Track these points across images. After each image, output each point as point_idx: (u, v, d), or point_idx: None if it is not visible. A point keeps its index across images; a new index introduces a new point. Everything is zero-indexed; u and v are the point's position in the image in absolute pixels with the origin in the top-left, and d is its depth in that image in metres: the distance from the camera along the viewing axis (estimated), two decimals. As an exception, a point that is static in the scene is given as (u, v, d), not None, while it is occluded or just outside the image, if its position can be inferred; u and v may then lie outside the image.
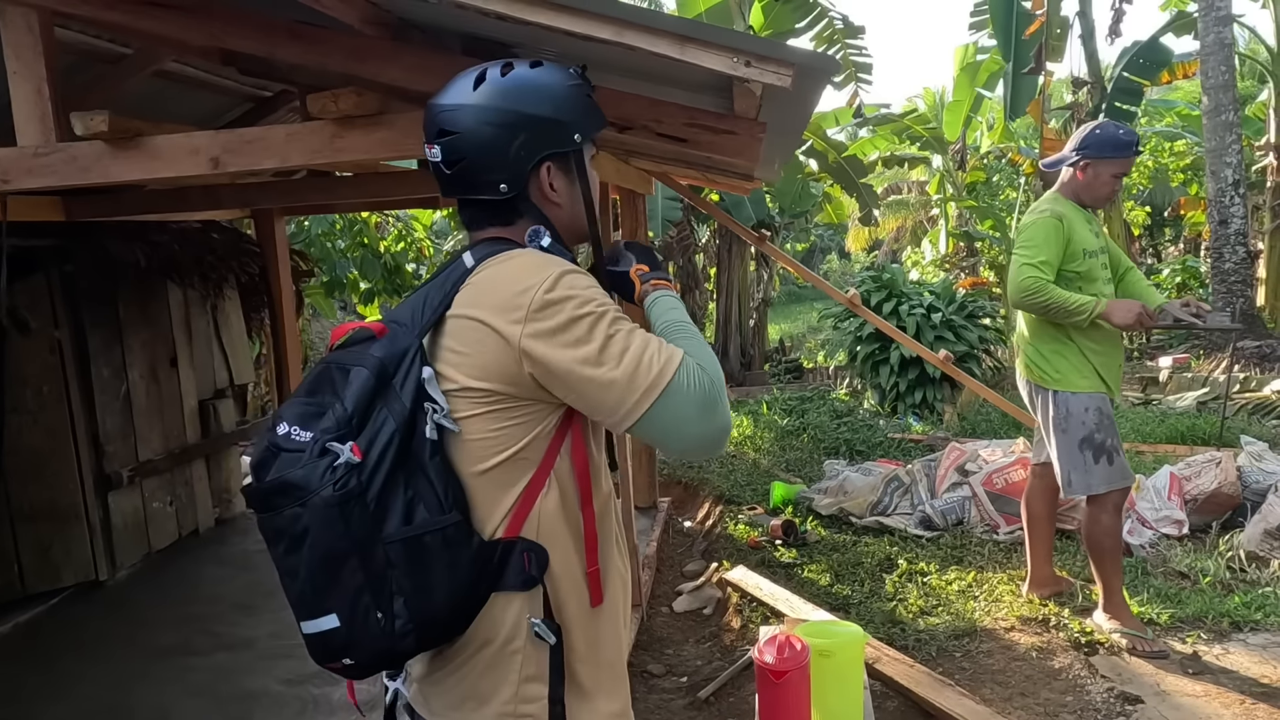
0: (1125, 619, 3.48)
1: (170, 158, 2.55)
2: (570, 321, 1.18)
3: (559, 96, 1.29)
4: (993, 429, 6.84)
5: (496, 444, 1.22)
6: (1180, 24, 11.64)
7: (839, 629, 2.46)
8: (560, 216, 1.35)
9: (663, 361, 1.18)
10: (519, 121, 1.27)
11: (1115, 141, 3.33)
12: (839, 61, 2.31)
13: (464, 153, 1.28)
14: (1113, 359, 3.45)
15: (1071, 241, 3.35)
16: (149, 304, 5.24)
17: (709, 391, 1.19)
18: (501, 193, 1.29)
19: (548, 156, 1.30)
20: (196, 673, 3.87)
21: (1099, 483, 3.36)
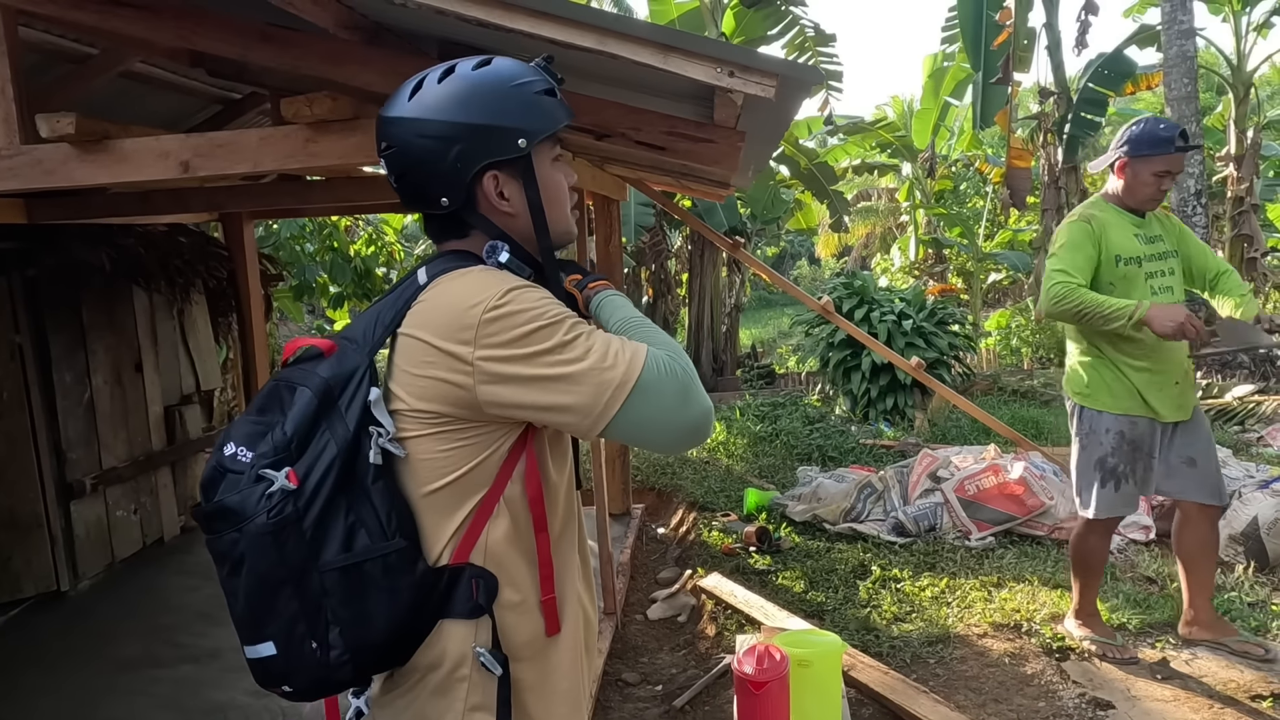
0: (1096, 626, 3.48)
1: (139, 161, 2.49)
2: (524, 335, 1.14)
3: (498, 101, 1.21)
4: (963, 436, 6.90)
5: (444, 466, 1.19)
6: (1143, 37, 11.86)
7: (817, 639, 2.46)
8: (517, 227, 1.29)
9: (629, 357, 1.14)
10: (452, 133, 1.20)
11: (1153, 137, 3.09)
12: (820, 71, 2.30)
13: (403, 166, 1.24)
14: (1163, 376, 3.15)
15: (1105, 247, 3.13)
16: (114, 308, 5.13)
17: (682, 379, 1.15)
18: (444, 207, 1.24)
19: (490, 166, 1.23)
20: (162, 685, 3.79)
21: (1100, 507, 3.24)
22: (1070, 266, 3.08)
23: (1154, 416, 3.17)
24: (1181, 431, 3.24)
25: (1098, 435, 3.22)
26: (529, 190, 1.25)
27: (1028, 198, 12.19)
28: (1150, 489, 3.25)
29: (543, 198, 1.27)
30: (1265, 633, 3.50)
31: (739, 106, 1.99)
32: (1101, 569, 3.45)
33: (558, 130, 1.27)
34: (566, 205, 1.33)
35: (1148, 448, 3.19)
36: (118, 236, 4.97)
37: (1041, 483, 4.72)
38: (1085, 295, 3.03)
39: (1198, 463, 3.24)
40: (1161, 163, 3.08)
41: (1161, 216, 3.31)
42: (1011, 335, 13.39)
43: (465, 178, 1.22)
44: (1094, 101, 11.47)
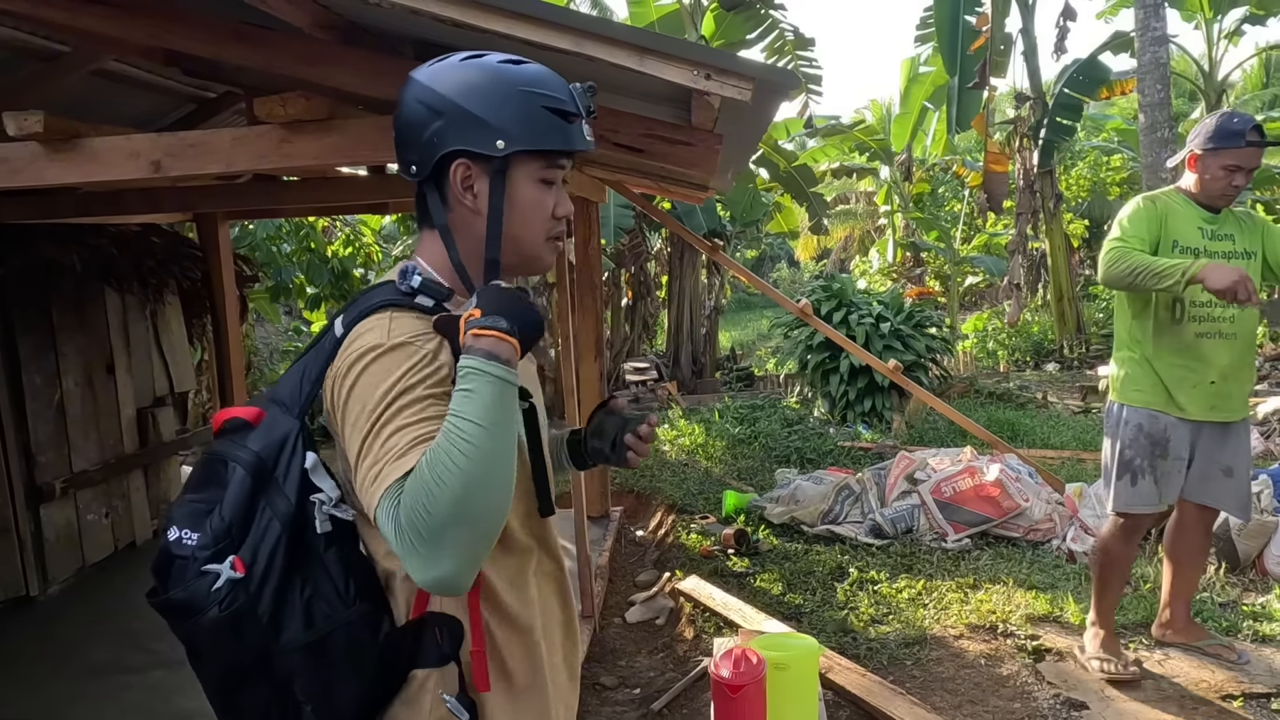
0: (1105, 642, 3.33)
1: (109, 161, 2.46)
2: (357, 410, 1.11)
3: (496, 96, 1.18)
4: (940, 438, 6.94)
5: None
6: (1117, 43, 12.00)
7: (794, 642, 2.46)
8: (478, 231, 1.22)
9: (379, 490, 1.04)
10: (440, 106, 1.18)
11: (1223, 131, 3.01)
12: (798, 76, 2.31)
13: (397, 125, 1.24)
14: (1195, 373, 3.06)
15: (1165, 231, 3.05)
16: (85, 309, 5.06)
17: (417, 531, 1.00)
18: (412, 174, 1.22)
19: (463, 154, 1.19)
20: (132, 691, 3.73)
21: (1117, 500, 3.18)
22: (1127, 235, 3.03)
23: (1182, 415, 3.08)
24: (1224, 438, 3.15)
25: (1119, 428, 3.17)
26: (494, 195, 1.20)
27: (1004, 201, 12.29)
28: (1176, 492, 3.16)
29: (510, 211, 1.21)
30: (1236, 634, 3.54)
31: (716, 110, 1.99)
32: (1122, 578, 3.34)
33: (550, 150, 1.21)
34: (540, 230, 1.25)
35: (1173, 448, 3.09)
36: (88, 236, 4.90)
37: (1017, 485, 4.76)
38: (1138, 256, 2.94)
39: (1235, 473, 3.18)
40: (1231, 156, 3.00)
41: (1241, 216, 3.21)
42: (988, 338, 13.51)
43: (434, 154, 1.19)
44: (1069, 106, 11.59)
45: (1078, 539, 4.50)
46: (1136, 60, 9.48)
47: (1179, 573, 3.40)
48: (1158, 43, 9.21)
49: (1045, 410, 8.33)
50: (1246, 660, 3.32)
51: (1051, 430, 7.19)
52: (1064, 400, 9.04)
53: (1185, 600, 3.46)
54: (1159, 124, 9.25)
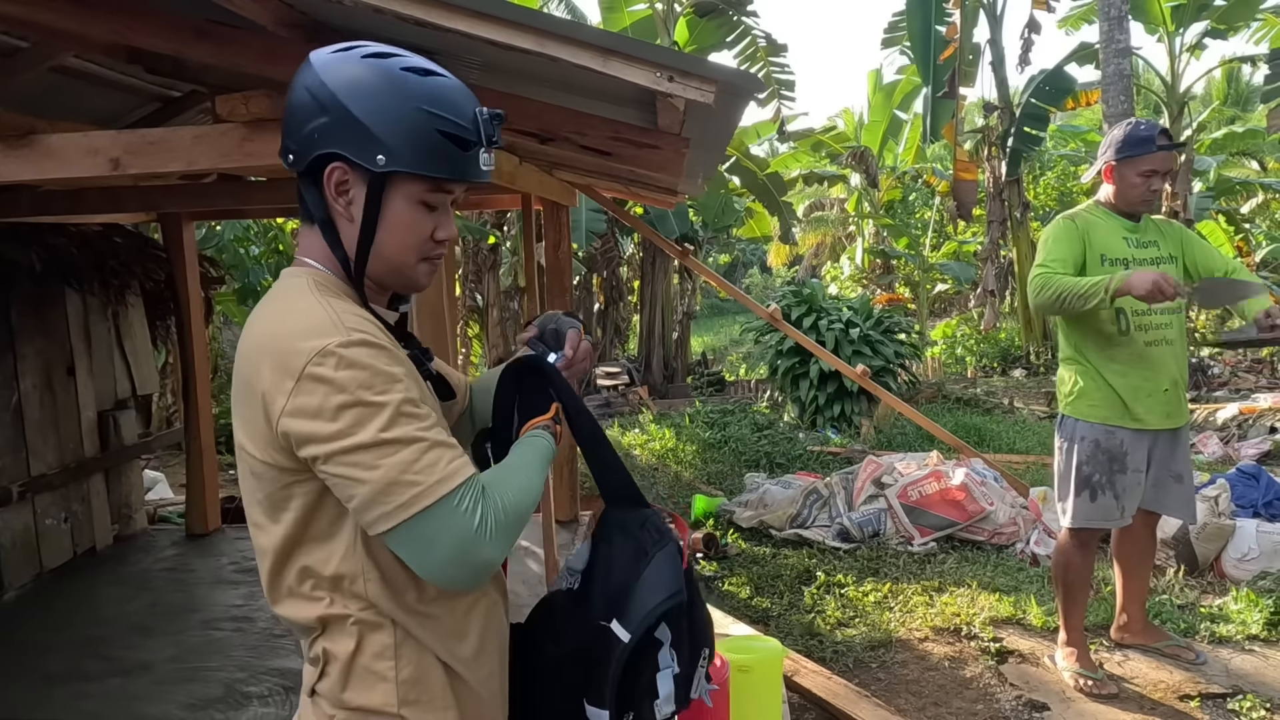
0: (1080, 657, 3.31)
1: (66, 158, 2.42)
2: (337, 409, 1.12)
3: (389, 108, 1.11)
4: (908, 442, 6.99)
5: None
6: (1082, 54, 12.20)
7: (758, 645, 2.47)
8: (350, 237, 1.18)
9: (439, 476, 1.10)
10: (328, 102, 1.11)
11: (1133, 138, 3.06)
12: (761, 80, 2.30)
13: (286, 106, 1.17)
14: (1149, 382, 3.07)
15: (1090, 247, 3.07)
16: (44, 310, 4.97)
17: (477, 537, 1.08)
18: (289, 163, 1.17)
19: (341, 158, 1.12)
20: (89, 700, 3.66)
21: (1076, 516, 3.17)
22: (1050, 259, 3.05)
23: (1139, 426, 3.09)
24: (1170, 444, 3.19)
25: (1074, 443, 3.16)
26: (368, 208, 1.14)
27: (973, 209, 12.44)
28: (1137, 503, 3.16)
29: (383, 228, 1.15)
30: (1194, 635, 3.59)
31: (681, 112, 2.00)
32: (1085, 589, 3.34)
33: (436, 178, 1.15)
34: (413, 252, 1.19)
35: (1131, 461, 3.10)
36: (48, 236, 4.81)
37: (982, 489, 4.81)
38: (1061, 280, 2.96)
39: (1184, 479, 3.24)
40: (1146, 162, 3.05)
41: (1160, 222, 3.27)
42: (956, 344, 13.65)
43: (312, 150, 1.13)
44: (1036, 116, 11.76)
45: (1041, 542, 4.55)
46: (1101, 72, 9.65)
47: (1129, 575, 3.45)
48: (1121, 55, 9.37)
49: (1011, 415, 8.44)
50: (1203, 661, 3.37)
51: (1017, 435, 7.28)
52: (1030, 406, 9.16)
53: (1140, 602, 3.51)
54: (1123, 134, 9.40)
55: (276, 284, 1.20)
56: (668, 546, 1.22)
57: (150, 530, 5.93)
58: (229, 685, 3.69)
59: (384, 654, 1.15)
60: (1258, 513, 4.37)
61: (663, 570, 1.20)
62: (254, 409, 1.10)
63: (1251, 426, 7.04)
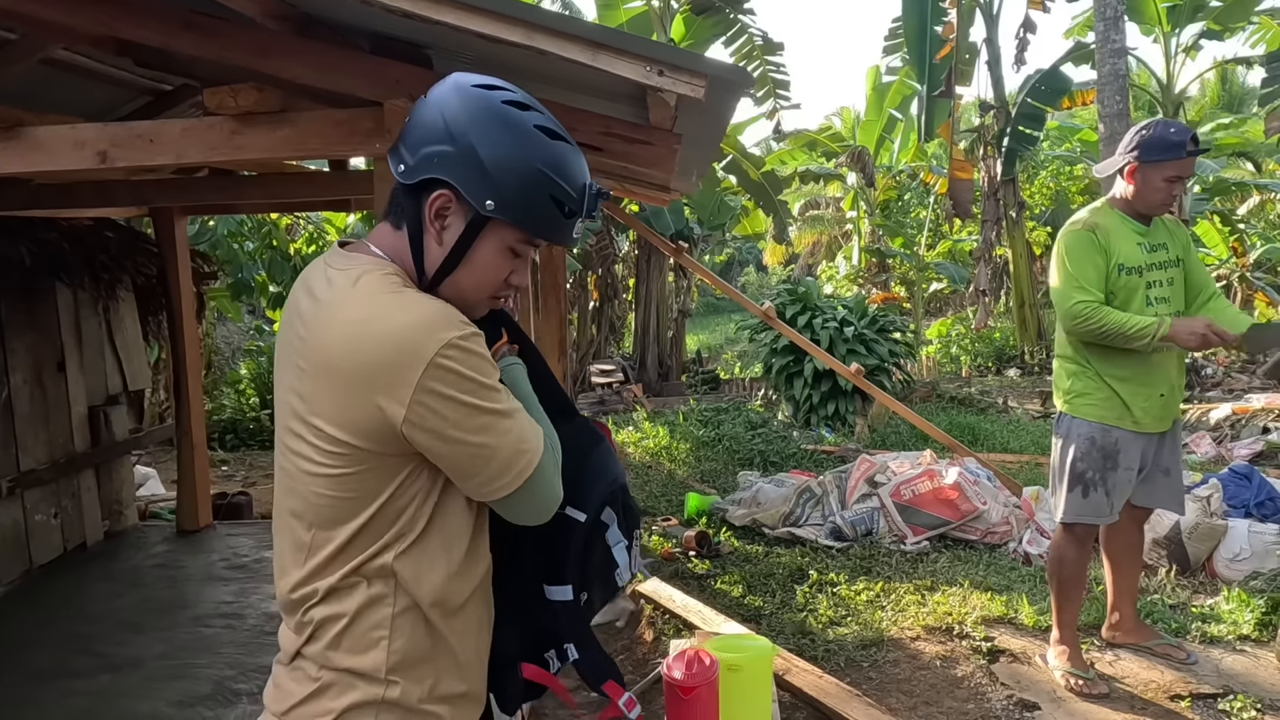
0: (1072, 656, 3.28)
1: (53, 150, 2.40)
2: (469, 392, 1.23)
3: (513, 160, 1.17)
4: (902, 442, 6.99)
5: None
6: (1079, 54, 12.21)
7: (748, 643, 2.46)
8: (433, 257, 1.24)
9: (534, 445, 1.22)
10: (458, 135, 1.17)
11: (1164, 142, 2.98)
12: (752, 74, 2.27)
13: (412, 116, 1.23)
14: (1149, 387, 3.08)
15: (1109, 257, 3.03)
16: (34, 305, 4.95)
17: (554, 472, 1.27)
18: (398, 172, 1.22)
19: (450, 186, 1.18)
20: (78, 697, 3.64)
21: (1067, 511, 3.17)
22: (1086, 282, 3.00)
23: (1135, 428, 3.09)
24: (1164, 442, 3.20)
25: (1070, 440, 3.16)
26: (460, 241, 1.21)
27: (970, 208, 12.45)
28: (1124, 500, 3.17)
29: (467, 262, 1.22)
30: (1185, 635, 3.58)
31: (673, 108, 1.98)
32: (1079, 587, 3.31)
33: (531, 237, 1.23)
34: (487, 290, 1.27)
35: (1124, 459, 3.10)
36: (39, 230, 4.79)
37: (975, 488, 4.80)
38: (1108, 316, 2.96)
39: (1171, 472, 3.25)
40: (1173, 168, 2.99)
41: (1169, 223, 3.21)
42: (951, 344, 13.66)
43: (426, 171, 1.19)
44: (1032, 116, 11.77)
45: (1034, 541, 4.55)
46: (1096, 72, 9.65)
47: (1119, 570, 3.45)
48: (1117, 54, 9.36)
49: (1006, 415, 8.44)
50: (1194, 661, 3.37)
51: (1011, 435, 7.28)
52: (1024, 405, 9.16)
53: (1130, 600, 3.51)
54: (1118, 134, 9.37)
55: (352, 271, 1.21)
56: (601, 445, 1.41)
57: (141, 526, 5.91)
58: (218, 682, 3.68)
59: (382, 623, 1.19)
60: (1250, 513, 4.37)
61: (603, 463, 1.37)
62: (363, 398, 1.13)
63: (1244, 427, 7.05)
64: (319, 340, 1.17)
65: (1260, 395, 8.18)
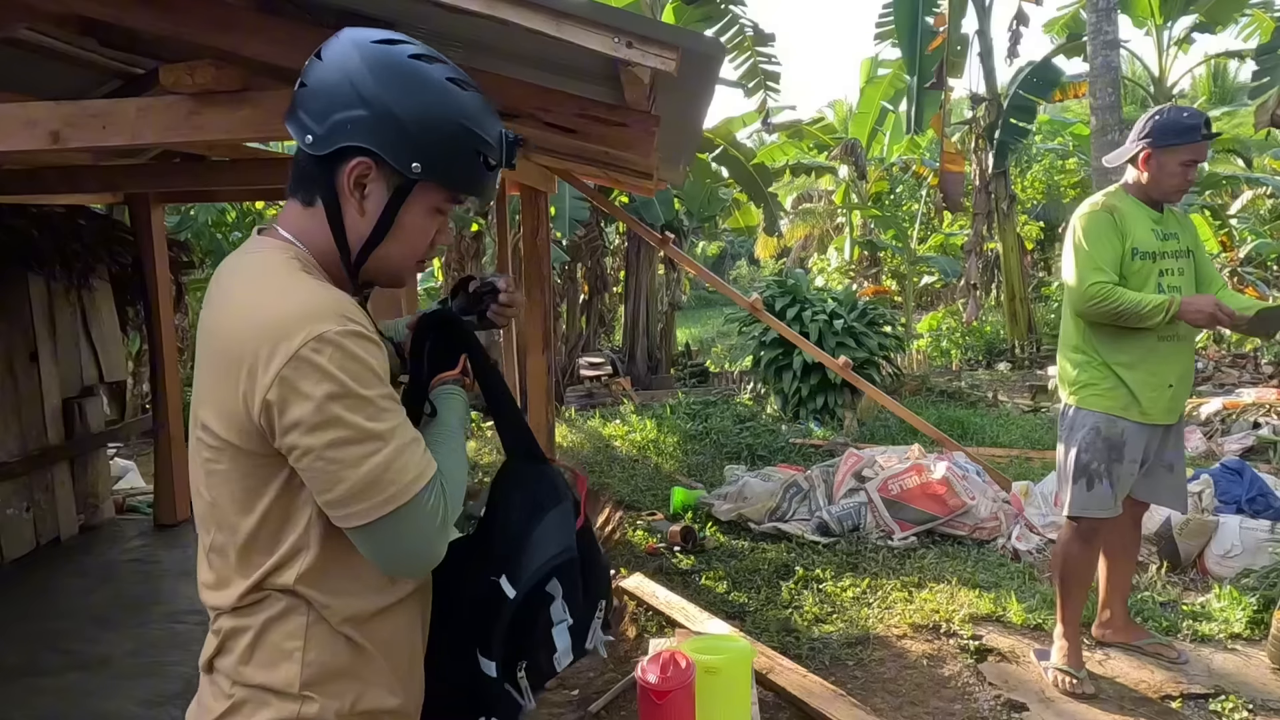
0: (1069, 655, 3.21)
1: (2, 130, 2.30)
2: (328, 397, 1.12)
3: (435, 118, 1.11)
4: (891, 436, 6.92)
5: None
6: (1071, 46, 12.14)
7: (726, 644, 2.38)
8: (357, 229, 1.16)
9: (414, 475, 1.11)
10: (371, 98, 1.09)
11: (1178, 126, 2.95)
12: (722, 44, 2.15)
13: (313, 79, 1.13)
14: (1157, 376, 3.03)
15: (1125, 239, 2.99)
16: (5, 294, 4.84)
17: (439, 523, 1.12)
18: (306, 143, 1.12)
19: (368, 153, 1.11)
20: (43, 695, 3.55)
21: (1072, 504, 3.12)
22: (1103, 263, 2.97)
23: (1141, 419, 3.05)
24: (1165, 435, 3.15)
25: (1076, 432, 3.12)
26: (387, 209, 1.14)
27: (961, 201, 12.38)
28: (1125, 493, 3.12)
29: (394, 230, 1.15)
30: (1176, 633, 3.52)
31: (647, 84, 1.89)
32: (1084, 583, 3.24)
33: (458, 195, 1.18)
34: (415, 255, 1.21)
35: (1129, 452, 3.06)
36: (7, 217, 4.68)
37: (964, 483, 4.73)
38: (1123, 296, 2.93)
39: (1175, 469, 3.19)
40: (1188, 152, 2.96)
41: (1179, 214, 3.18)
42: (941, 337, 13.61)
43: (340, 140, 1.10)
44: (1023, 108, 11.70)
45: (1023, 538, 4.49)
46: (1089, 64, 9.58)
47: (1113, 567, 3.38)
48: (1109, 46, 9.30)
49: (995, 409, 8.38)
50: (1185, 660, 3.30)
51: (1000, 429, 7.22)
52: (1014, 399, 9.10)
53: (1122, 597, 3.44)
54: (1110, 127, 9.33)
55: (252, 255, 1.14)
56: (562, 504, 1.26)
57: (118, 520, 5.81)
58: (188, 680, 3.58)
59: (295, 634, 1.11)
60: (1241, 509, 4.31)
61: (553, 528, 1.23)
62: (232, 388, 1.05)
63: (1235, 421, 7.00)
64: (208, 328, 1.10)
65: (1251, 390, 8.13)
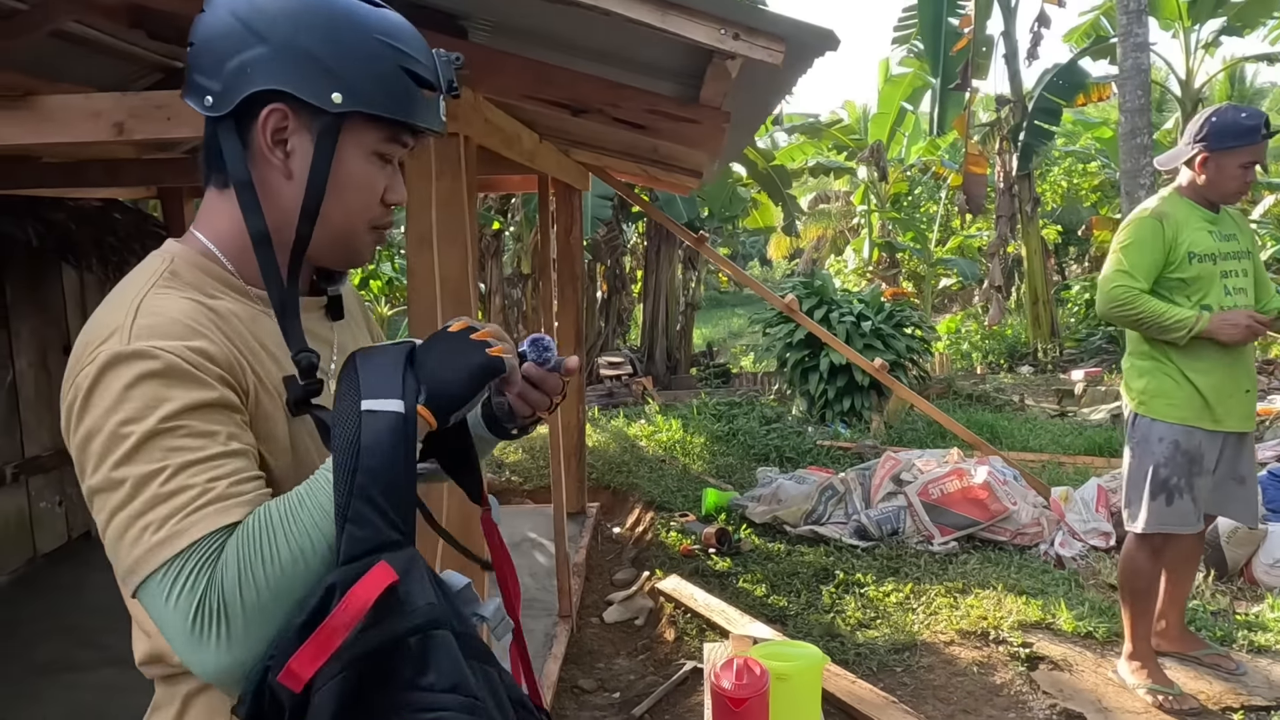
0: (1152, 672, 3.12)
1: (66, 121, 2.27)
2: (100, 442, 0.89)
3: (346, 36, 0.94)
4: (919, 438, 6.87)
5: None
6: (1097, 49, 12.04)
7: (796, 651, 2.33)
8: (284, 200, 0.98)
9: (149, 547, 0.83)
10: (265, 29, 0.93)
11: (1237, 128, 2.86)
12: (835, 35, 2.10)
13: (199, 36, 0.96)
14: (1231, 382, 2.94)
15: (1176, 245, 2.90)
16: (40, 286, 4.82)
17: (240, 604, 0.81)
18: (206, 106, 0.95)
19: (284, 96, 0.93)
20: (79, 691, 3.53)
21: (1150, 521, 2.99)
22: (1134, 269, 2.90)
23: (1215, 427, 2.95)
24: (1238, 446, 3.05)
25: (1150, 444, 2.99)
26: (318, 160, 0.95)
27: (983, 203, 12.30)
28: (1203, 506, 3.02)
29: (331, 186, 0.97)
30: (1231, 644, 3.46)
31: (731, 80, 1.85)
32: (1153, 596, 3.18)
33: (398, 121, 0.98)
34: (363, 216, 1.01)
35: (1206, 462, 2.97)
36: (46, 210, 4.66)
37: (1005, 488, 4.68)
38: (1145, 303, 2.87)
39: (1246, 481, 3.09)
40: (1248, 154, 2.88)
41: (1236, 215, 3.10)
42: (962, 340, 13.53)
43: (243, 89, 0.93)
44: (1048, 110, 11.61)
45: (1066, 544, 4.43)
46: (1118, 66, 9.49)
47: (1173, 580, 3.30)
48: (1139, 49, 9.21)
49: (1022, 413, 8.32)
50: (1244, 671, 3.24)
51: (1030, 433, 7.15)
52: (1040, 403, 9.04)
53: (1180, 609, 3.38)
54: (1139, 130, 9.25)
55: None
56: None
57: (146, 515, 5.80)
58: (228, 679, 3.57)
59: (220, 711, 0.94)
60: (1289, 517, 4.25)
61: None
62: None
63: (1269, 428, 6.92)
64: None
65: (1281, 396, 8.06)
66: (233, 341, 0.94)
